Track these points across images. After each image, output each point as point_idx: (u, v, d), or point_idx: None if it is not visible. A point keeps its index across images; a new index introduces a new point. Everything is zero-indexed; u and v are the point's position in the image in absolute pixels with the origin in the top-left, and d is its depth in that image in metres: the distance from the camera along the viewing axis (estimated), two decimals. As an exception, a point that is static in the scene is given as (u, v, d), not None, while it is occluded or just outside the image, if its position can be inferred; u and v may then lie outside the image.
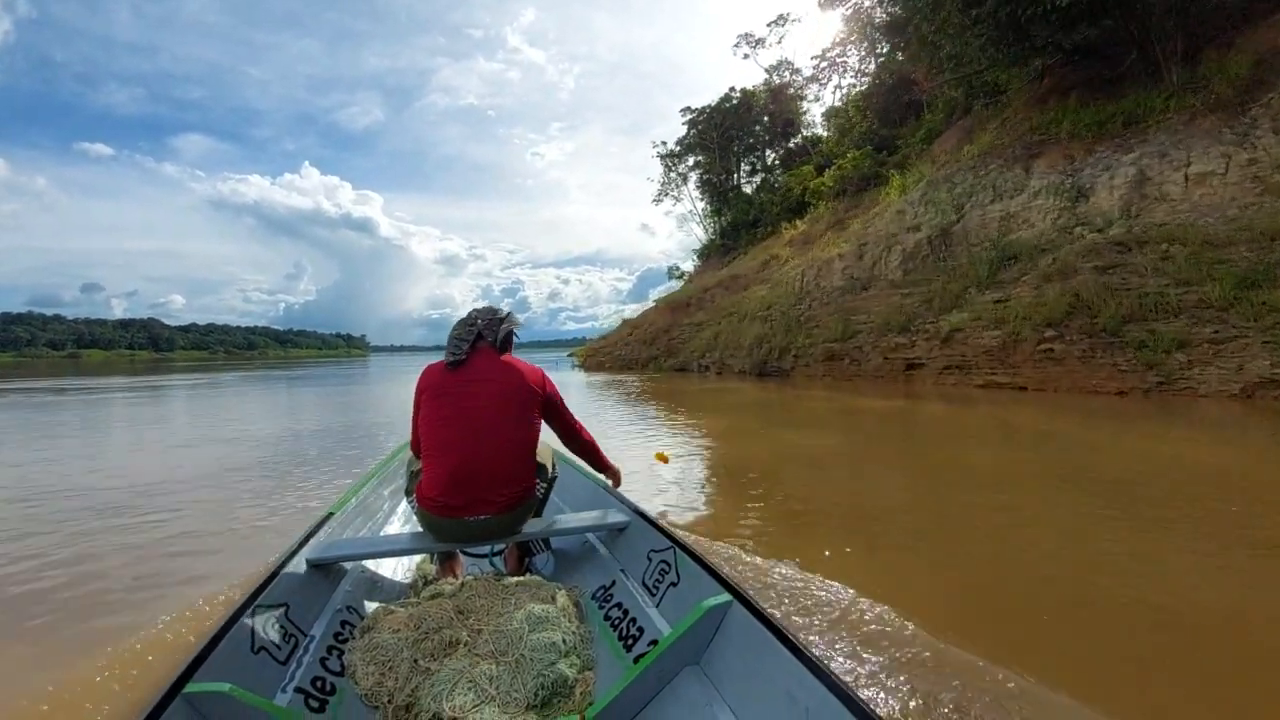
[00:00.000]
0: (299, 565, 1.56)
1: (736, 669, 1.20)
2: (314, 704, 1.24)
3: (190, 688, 1.00)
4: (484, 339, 1.73)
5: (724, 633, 1.27)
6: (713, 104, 36.18)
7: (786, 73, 31.46)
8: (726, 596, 1.29)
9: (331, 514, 1.93)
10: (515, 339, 1.84)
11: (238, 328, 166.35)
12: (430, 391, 1.70)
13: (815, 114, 31.74)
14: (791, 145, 31.40)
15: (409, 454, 2.04)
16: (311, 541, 1.69)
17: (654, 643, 1.41)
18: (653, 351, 19.32)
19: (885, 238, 12.56)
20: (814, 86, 30.93)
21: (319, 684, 1.29)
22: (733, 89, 35.34)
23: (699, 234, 40.90)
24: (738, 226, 33.37)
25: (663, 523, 1.77)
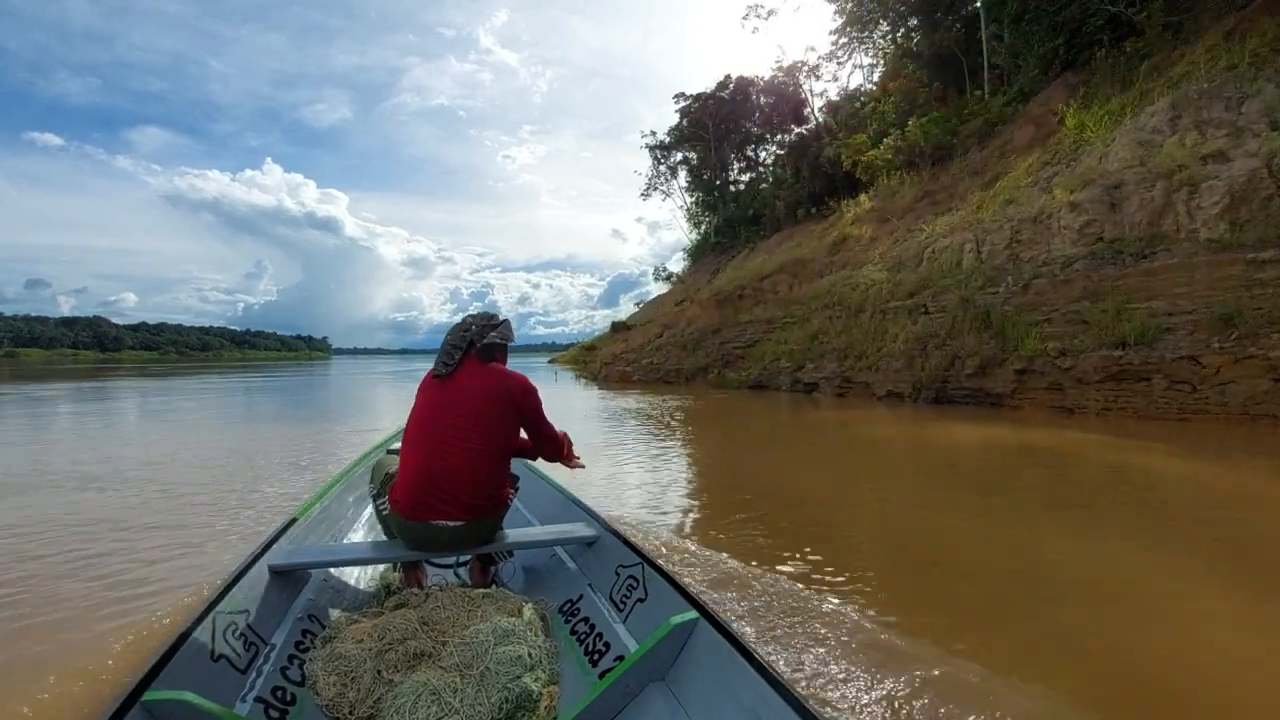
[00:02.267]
0: (261, 572, 1.63)
1: (702, 686, 1.28)
2: (274, 714, 1.32)
3: (149, 695, 1.06)
4: (475, 347, 1.84)
5: (690, 650, 1.35)
6: (709, 90, 36.37)
7: (800, 50, 31.07)
8: (694, 614, 1.37)
9: (295, 519, 2.00)
10: (506, 347, 1.94)
11: (192, 328, 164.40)
12: (420, 398, 1.85)
13: (833, 93, 31.36)
14: (805, 130, 30.69)
15: (381, 458, 2.14)
16: (274, 547, 1.77)
17: (620, 658, 1.50)
18: (700, 359, 15.30)
19: (1162, 175, 8.02)
20: (830, 66, 30.52)
21: (279, 694, 1.37)
22: (728, 76, 35.60)
23: (684, 229, 41.15)
24: (734, 223, 33.60)
25: (633, 538, 1.86)
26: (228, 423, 8.96)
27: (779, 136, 34.99)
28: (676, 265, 40.41)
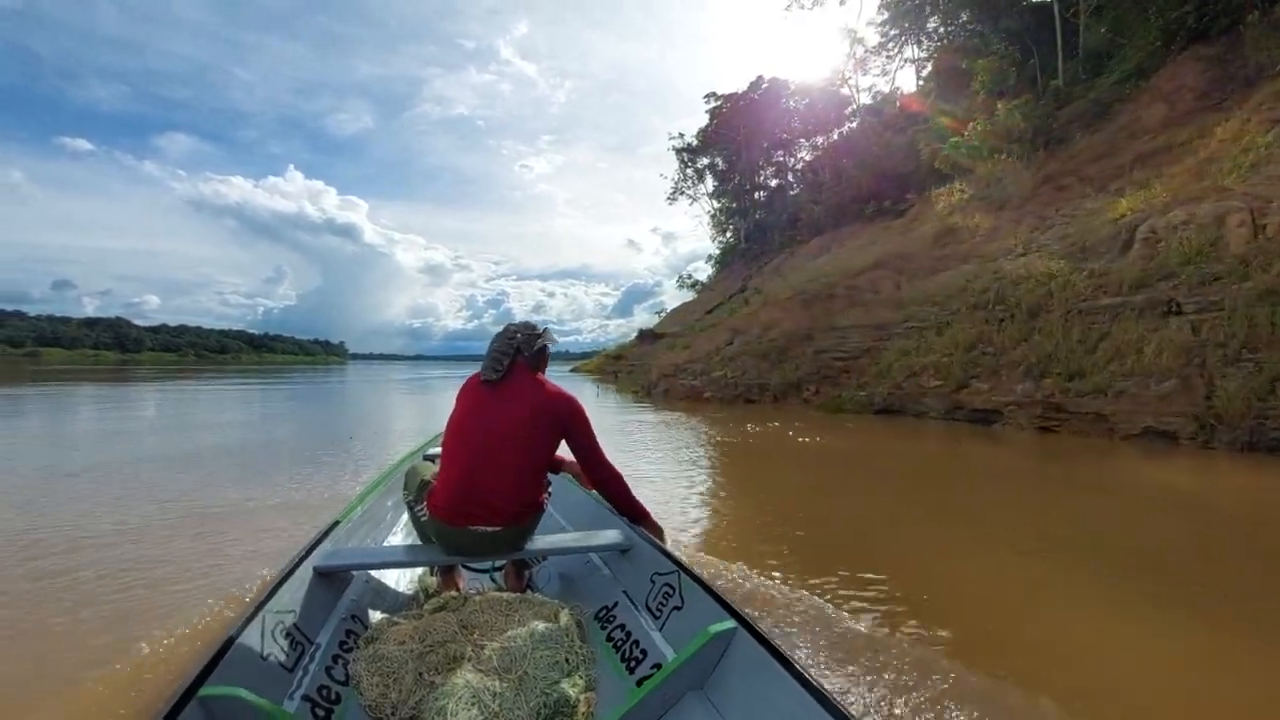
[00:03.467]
0: (306, 572, 1.73)
1: (741, 696, 1.31)
2: (320, 712, 1.39)
3: (204, 691, 1.13)
4: (522, 354, 1.93)
5: (729, 659, 1.38)
6: (740, 91, 36.46)
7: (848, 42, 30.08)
8: (731, 623, 1.41)
9: (338, 522, 2.12)
10: (548, 352, 2.03)
11: (211, 330, 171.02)
12: (463, 403, 1.92)
13: (882, 87, 30.69)
14: (846, 130, 30.41)
15: (416, 464, 2.24)
16: (318, 549, 1.86)
17: (657, 666, 1.54)
18: (790, 373, 12.63)
19: None
20: (879, 59, 29.88)
21: (324, 692, 1.44)
22: (760, 76, 35.68)
23: (708, 236, 41.04)
24: (766, 228, 33.55)
25: (666, 545, 1.91)
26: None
27: (815, 139, 34.75)
28: (700, 274, 40.44)
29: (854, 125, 30.19)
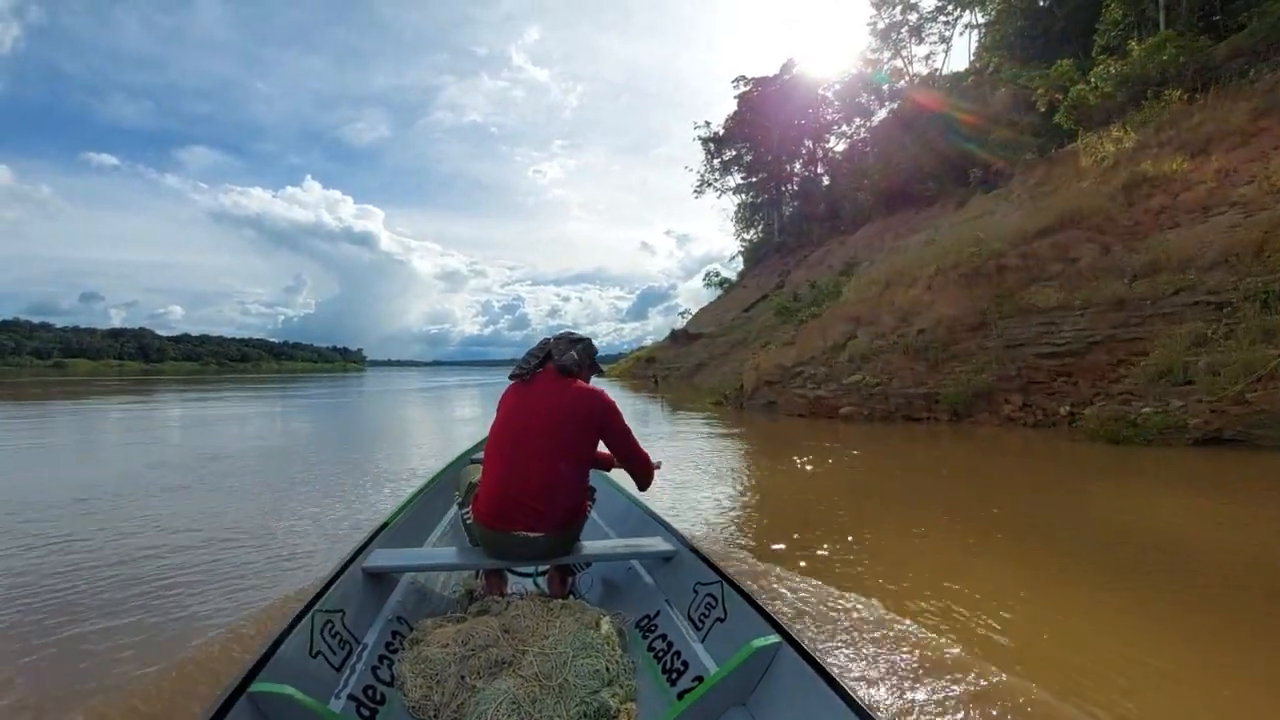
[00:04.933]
0: (355, 573, 1.83)
1: (785, 713, 1.33)
2: (365, 712, 1.47)
3: (255, 687, 1.21)
4: (552, 359, 2.05)
5: (773, 674, 1.41)
6: (770, 75, 36.18)
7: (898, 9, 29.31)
8: (776, 637, 1.43)
9: (386, 524, 2.24)
10: (595, 364, 2.17)
11: (232, 339, 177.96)
12: (502, 406, 2.04)
13: (939, 60, 29.82)
14: (891, 107, 29.43)
15: (466, 467, 2.38)
16: (367, 550, 1.98)
17: (699, 679, 1.58)
18: (968, 379, 9.27)
19: None
20: (935, 26, 28.79)
21: (370, 693, 1.52)
22: (791, 60, 35.37)
23: (733, 231, 40.67)
24: (802, 219, 33.24)
25: (710, 555, 1.95)
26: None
27: (855, 122, 34.20)
28: (725, 272, 40.24)
29: (894, 107, 29.31)
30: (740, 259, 40.34)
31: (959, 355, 9.74)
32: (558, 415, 1.94)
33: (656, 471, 2.23)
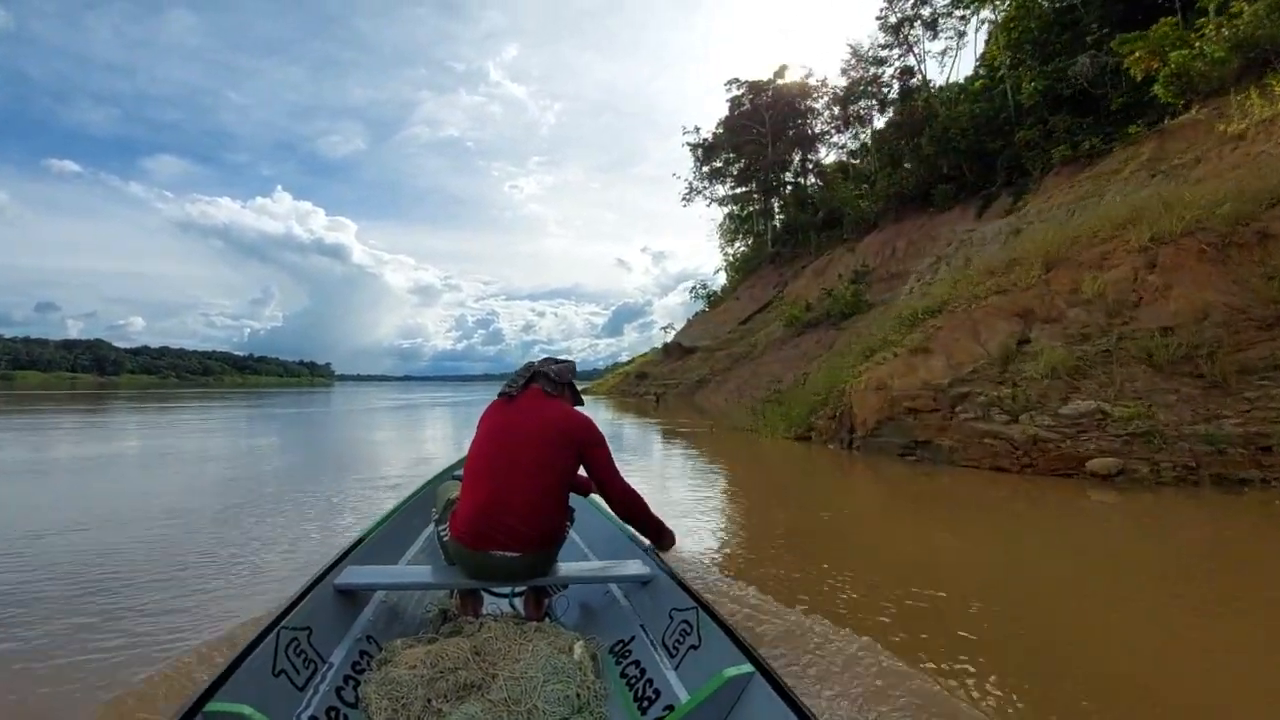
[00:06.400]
0: (325, 590, 1.86)
1: None
2: None
3: (210, 706, 1.23)
4: (538, 379, 2.17)
5: (744, 705, 1.43)
6: (765, 80, 36.70)
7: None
8: (749, 667, 1.46)
9: (360, 540, 2.28)
10: (574, 387, 2.28)
11: (193, 352, 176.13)
12: (483, 423, 2.13)
13: (954, 56, 29.35)
14: (896, 110, 28.98)
15: (445, 483, 2.42)
16: (339, 568, 2.01)
17: (670, 708, 1.62)
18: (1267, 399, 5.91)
19: None
20: (950, 20, 28.17)
21: (333, 714, 1.55)
22: (784, 66, 35.94)
23: (719, 244, 41.05)
24: (797, 228, 33.60)
25: (688, 581, 2.00)
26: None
27: (853, 130, 34.63)
28: (702, 287, 40.54)
29: (901, 108, 29.10)
30: (725, 272, 40.81)
31: (1254, 368, 6.46)
32: (539, 433, 2.02)
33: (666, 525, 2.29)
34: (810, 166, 36.60)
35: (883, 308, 19.81)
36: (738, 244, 41.23)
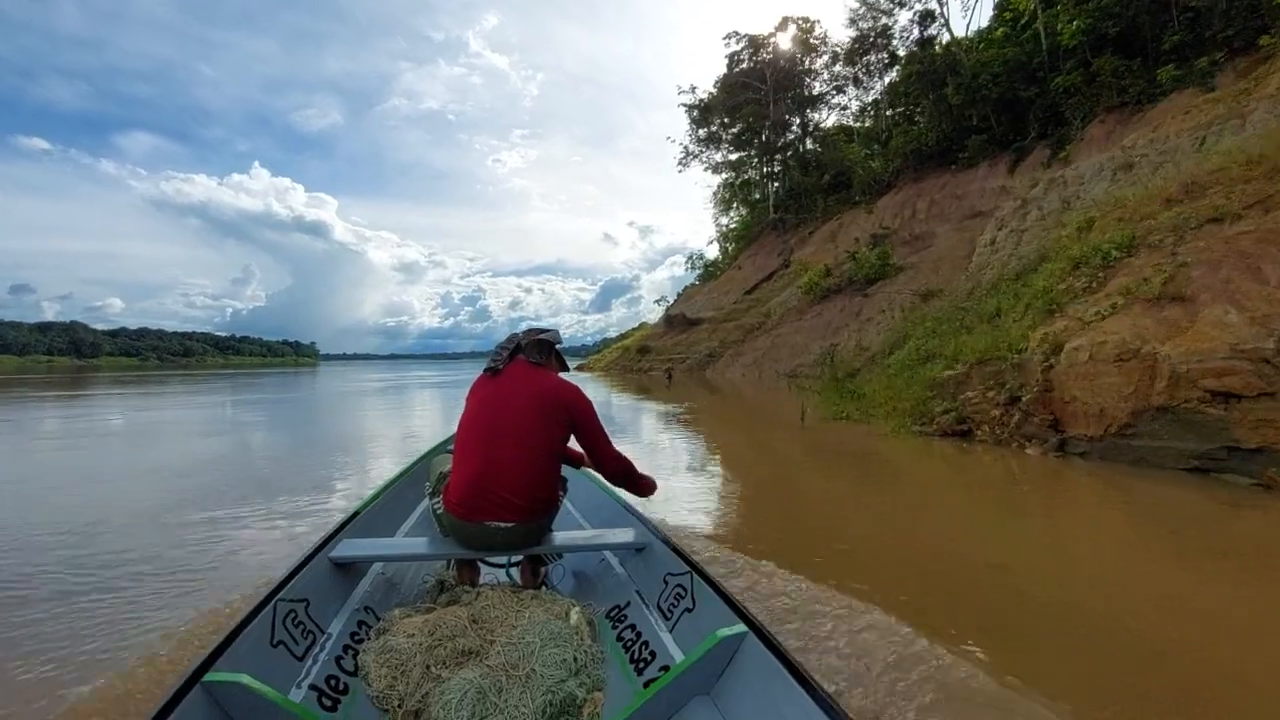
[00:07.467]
0: (322, 563, 1.95)
1: (748, 702, 1.45)
2: (326, 702, 1.59)
3: (209, 676, 1.30)
4: (522, 351, 2.21)
5: (737, 664, 1.54)
6: (764, 35, 35.93)
7: None
8: (742, 627, 1.56)
9: (357, 513, 2.38)
10: (558, 351, 2.34)
11: (174, 333, 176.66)
12: (472, 397, 2.20)
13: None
14: (934, 50, 27.47)
15: (439, 457, 2.53)
16: (335, 540, 2.10)
17: (665, 668, 1.71)
18: None
19: None
20: None
21: (333, 682, 1.64)
22: (787, 18, 35.17)
23: (713, 213, 40.57)
24: (802, 193, 33.25)
25: (682, 546, 2.10)
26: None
27: (860, 88, 34.03)
28: (701, 256, 40.04)
29: (919, 57, 28.43)
30: (718, 243, 40.44)
31: None
32: (528, 404, 2.09)
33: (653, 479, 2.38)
34: (810, 129, 36.07)
35: (911, 272, 19.31)
36: (733, 213, 40.94)
